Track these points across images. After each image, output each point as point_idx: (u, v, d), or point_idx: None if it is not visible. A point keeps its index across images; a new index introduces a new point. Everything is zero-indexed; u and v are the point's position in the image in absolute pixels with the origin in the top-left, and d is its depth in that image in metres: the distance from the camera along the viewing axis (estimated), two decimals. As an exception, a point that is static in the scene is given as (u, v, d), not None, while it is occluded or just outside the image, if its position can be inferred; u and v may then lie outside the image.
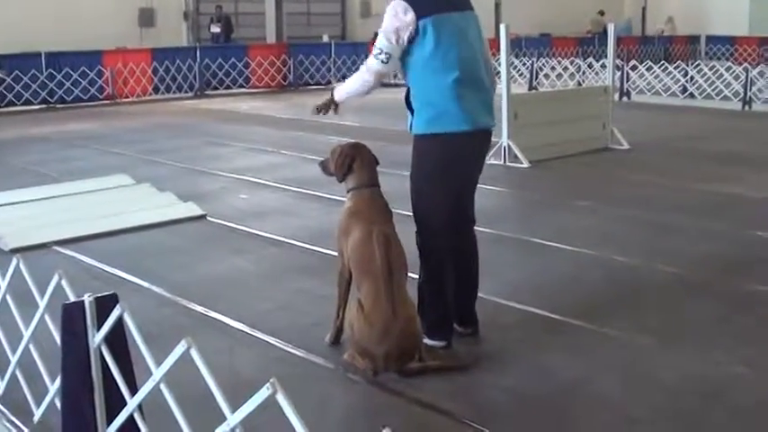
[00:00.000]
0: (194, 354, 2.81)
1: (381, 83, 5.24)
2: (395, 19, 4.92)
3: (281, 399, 2.50)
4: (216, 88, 23.73)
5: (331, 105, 5.57)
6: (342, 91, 5.44)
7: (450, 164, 5.04)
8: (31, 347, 4.23)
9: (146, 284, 6.65)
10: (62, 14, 23.74)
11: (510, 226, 8.28)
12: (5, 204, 9.13)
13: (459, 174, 5.12)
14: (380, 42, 5.00)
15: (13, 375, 4.43)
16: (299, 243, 7.80)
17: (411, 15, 4.89)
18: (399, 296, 4.76)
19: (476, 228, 5.40)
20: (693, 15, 35.78)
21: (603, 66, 17.89)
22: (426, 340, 5.05)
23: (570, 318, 5.73)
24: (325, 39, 28.22)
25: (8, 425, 4.31)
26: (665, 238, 7.95)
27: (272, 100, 22.03)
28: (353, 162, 5.19)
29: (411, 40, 4.95)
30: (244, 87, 24.23)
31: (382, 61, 5.04)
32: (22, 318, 4.31)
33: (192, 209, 8.93)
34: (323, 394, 4.68)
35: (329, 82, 25.78)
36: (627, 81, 20.93)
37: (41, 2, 23.51)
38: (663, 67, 21.69)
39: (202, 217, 8.79)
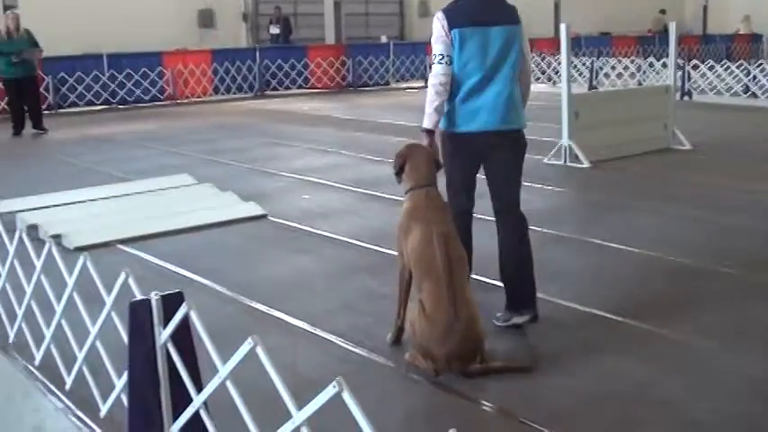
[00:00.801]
0: (260, 352, 2.84)
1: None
2: (439, 26, 5.65)
3: (346, 397, 2.51)
4: (275, 89, 23.89)
5: (429, 138, 5.68)
6: (425, 118, 5.70)
7: (453, 159, 5.77)
8: (98, 344, 4.30)
9: (208, 283, 6.71)
10: (123, 17, 24.02)
11: (570, 227, 8.24)
12: (70, 204, 9.26)
13: (468, 166, 5.76)
14: (436, 49, 5.66)
15: (80, 371, 4.51)
16: (360, 243, 7.82)
17: (446, 24, 5.62)
18: (461, 296, 4.75)
19: (536, 228, 5.40)
20: (757, 14, 35.23)
21: (664, 65, 17.72)
22: None
23: (632, 319, 5.68)
24: (384, 39, 28.26)
25: (75, 420, 4.38)
26: (728, 239, 7.86)
27: (331, 100, 22.11)
28: (405, 163, 5.23)
29: (452, 46, 5.63)
30: (303, 88, 24.36)
31: (446, 63, 5.61)
32: (89, 314, 4.38)
33: (254, 208, 8.99)
34: (384, 394, 4.70)
35: (387, 82, 25.88)
36: (688, 80, 20.68)
37: (103, 5, 23.80)
38: (725, 67, 21.41)
39: (263, 217, 8.84)
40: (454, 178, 5.83)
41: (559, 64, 13.22)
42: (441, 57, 5.62)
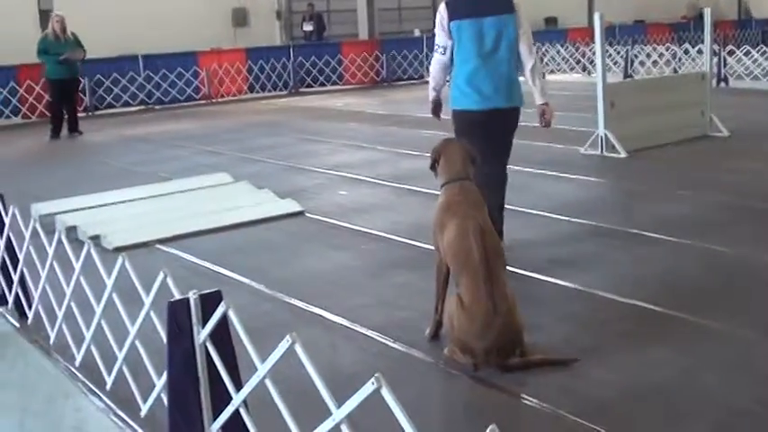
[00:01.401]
0: (299, 350, 2.83)
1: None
2: (439, 19, 6.69)
3: (386, 394, 2.50)
4: (310, 86, 23.93)
5: (434, 108, 7.05)
6: (429, 92, 7.02)
7: (463, 132, 6.55)
8: (138, 344, 4.32)
9: (246, 281, 6.73)
10: (157, 17, 24.17)
11: (608, 217, 8.17)
12: (108, 204, 9.32)
13: (473, 139, 6.08)
14: (437, 39, 6.74)
15: (120, 371, 4.54)
16: (397, 238, 7.81)
17: (446, 17, 6.63)
18: (498, 290, 4.72)
19: (573, 219, 5.35)
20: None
21: (700, 51, 17.51)
22: None
23: (672, 310, 5.62)
24: (417, 33, 28.20)
25: (116, 419, 4.41)
26: (768, 226, 7.78)
27: (365, 96, 22.12)
28: (440, 158, 5.26)
29: (450, 37, 6.65)
30: (337, 84, 24.37)
31: (441, 53, 6.74)
32: (128, 314, 4.40)
33: (291, 205, 9.01)
34: (424, 389, 4.68)
35: (422, 76, 25.76)
36: (724, 66, 20.46)
37: (137, 6, 23.97)
38: (761, 51, 21.15)
39: (301, 213, 8.86)
40: None
41: (594, 53, 13.12)
42: (438, 47, 6.74)
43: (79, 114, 17.64)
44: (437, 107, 7.02)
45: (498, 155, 6.84)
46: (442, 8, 6.67)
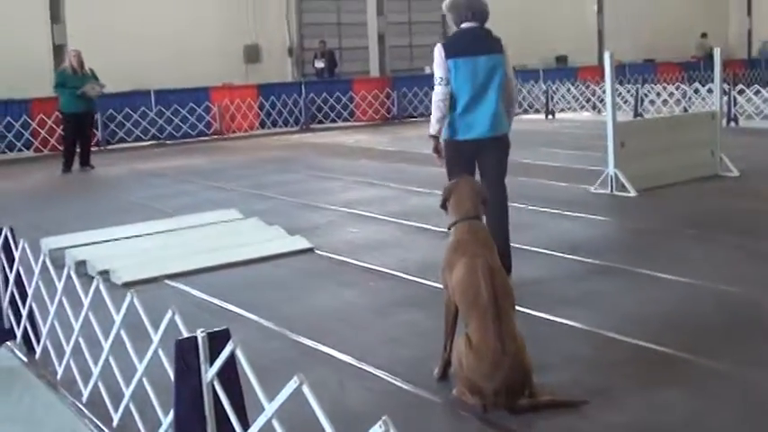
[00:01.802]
0: (306, 391, 2.82)
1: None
2: (438, 56, 7.36)
3: (392, 436, 2.49)
4: (321, 122, 24.04)
5: (435, 142, 7.51)
6: (430, 127, 7.54)
7: (456, 161, 7.26)
8: (145, 381, 4.31)
9: (254, 317, 6.73)
10: (170, 53, 24.32)
11: (617, 256, 8.16)
12: (118, 239, 9.34)
13: (463, 166, 7.06)
14: (437, 73, 7.36)
15: (127, 408, 4.52)
16: (406, 276, 7.80)
17: (444, 55, 7.32)
18: (508, 330, 4.71)
19: (582, 258, 5.34)
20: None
21: (710, 91, 17.57)
22: None
23: (681, 351, 5.58)
24: (428, 70, 28.29)
25: (123, 457, 4.40)
26: (779, 267, 7.75)
27: (376, 133, 22.19)
28: (450, 196, 5.27)
29: (449, 72, 7.28)
30: (348, 121, 24.49)
31: (444, 84, 7.33)
32: (136, 351, 4.40)
33: (300, 242, 9.02)
34: (432, 430, 4.66)
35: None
36: (734, 106, 20.47)
37: (150, 41, 24.11)
38: (771, 91, 21.17)
39: (310, 250, 8.86)
40: (455, 175, 6.63)
41: (604, 92, 13.15)
42: (440, 79, 7.33)
43: (91, 148, 17.74)
44: (439, 144, 7.46)
45: (495, 181, 7.32)
46: (439, 47, 7.42)
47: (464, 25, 7.48)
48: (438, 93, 7.36)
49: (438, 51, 7.37)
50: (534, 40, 31.28)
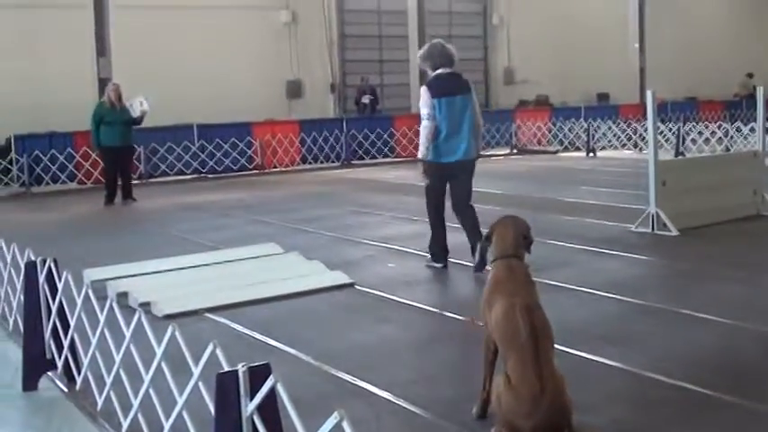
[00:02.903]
0: (346, 426, 2.83)
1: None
2: (426, 96, 9.13)
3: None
4: (362, 158, 24.13)
5: (424, 165, 9.34)
6: (420, 153, 9.38)
7: (435, 178, 9.36)
8: (184, 414, 4.33)
9: (293, 352, 6.74)
10: (213, 87, 24.54)
11: (658, 296, 8.10)
12: (159, 272, 9.41)
13: (444, 182, 9.42)
14: (426, 109, 9.09)
15: (167, 441, 4.54)
16: (445, 312, 7.79)
17: (430, 95, 9.12)
18: (546, 369, 4.68)
19: (622, 298, 5.30)
20: None
21: (752, 129, 17.45)
22: (431, 263, 9.61)
23: (723, 393, 5.52)
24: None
25: (161, 490, 4.41)
26: (823, 309, 7.65)
27: (416, 169, 22.14)
28: (492, 234, 5.25)
29: (434, 109, 9.08)
30: (389, 157, 24.54)
31: (432, 119, 9.08)
32: (176, 383, 4.42)
33: (341, 277, 9.03)
34: (470, 467, 4.64)
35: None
36: (778, 146, 20.28)
37: (193, 76, 24.35)
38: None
39: (350, 285, 8.87)
40: (436, 190, 9.47)
41: (645, 130, 13.09)
42: (428, 115, 9.08)
43: (134, 181, 17.93)
44: (426, 166, 9.31)
45: (464, 197, 9.46)
46: (425, 89, 9.21)
47: (440, 70, 9.33)
48: (427, 126, 9.10)
49: (425, 92, 9.17)
50: (576, 78, 31.33)
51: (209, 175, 21.74)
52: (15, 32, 22.74)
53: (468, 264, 9.49)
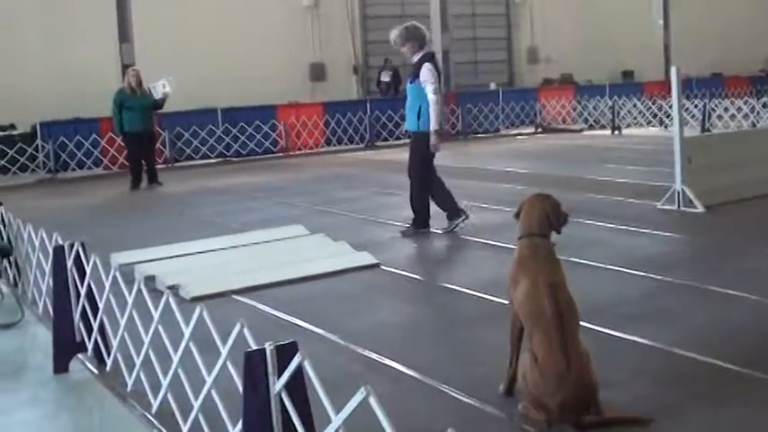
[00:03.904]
0: (373, 401, 2.85)
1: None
2: (433, 72, 10.12)
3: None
4: (386, 139, 24.11)
5: (438, 136, 10.26)
6: (434, 123, 10.15)
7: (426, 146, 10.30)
8: (213, 393, 4.36)
9: (320, 332, 6.77)
10: (236, 71, 24.56)
11: (686, 273, 8.07)
12: (186, 255, 9.46)
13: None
14: (433, 84, 10.06)
15: (196, 419, 4.57)
16: (471, 291, 7.78)
17: (434, 70, 10.12)
18: (573, 346, 4.69)
19: (650, 275, 5.30)
20: None
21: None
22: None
23: (750, 369, 5.50)
24: (493, 86, 28.34)
25: (191, 468, 4.45)
26: None
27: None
28: (521, 211, 5.23)
29: (438, 83, 10.21)
30: (413, 137, 24.46)
31: (438, 93, 10.10)
32: (205, 363, 4.45)
33: (367, 258, 9.05)
34: (497, 444, 4.65)
35: (497, 129, 25.88)
36: (805, 120, 20.15)
37: (216, 60, 24.40)
38: (843, 103, 20.79)
39: (376, 266, 8.89)
40: (431, 157, 10.49)
41: (671, 107, 13.00)
42: (435, 89, 10.07)
43: (159, 166, 18.05)
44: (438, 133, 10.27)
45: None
46: (430, 66, 10.14)
47: (425, 49, 10.36)
48: (438, 99, 10.07)
49: (431, 69, 10.10)
50: (600, 55, 31.14)
51: (234, 159, 21.82)
52: (39, 20, 22.86)
53: (495, 243, 9.49)
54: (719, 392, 5.22)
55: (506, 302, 5.37)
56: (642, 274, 7.99)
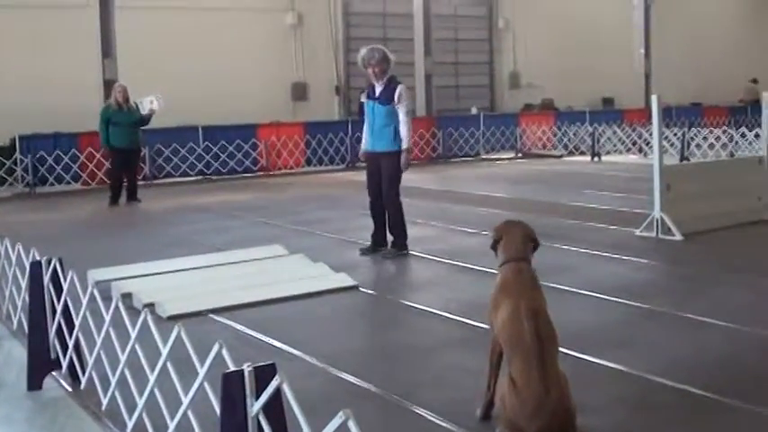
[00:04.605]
0: (351, 425, 2.84)
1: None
2: (408, 94, 10.73)
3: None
4: (366, 160, 24.06)
5: (408, 155, 10.75)
6: (406, 142, 10.64)
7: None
8: (189, 413, 4.33)
9: (297, 353, 6.74)
10: (218, 89, 24.50)
11: (662, 301, 8.09)
12: (163, 273, 9.42)
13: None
14: (407, 106, 10.67)
15: (172, 441, 4.54)
16: (449, 315, 7.78)
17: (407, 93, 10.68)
18: (551, 372, 4.69)
19: (627, 302, 5.31)
20: None
21: (757, 135, 17.43)
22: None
23: (727, 397, 5.52)
24: (474, 111, 28.42)
25: (165, 490, 4.41)
26: (828, 315, 7.64)
27: (421, 172, 22.16)
28: (500, 238, 5.25)
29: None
30: (394, 159, 24.49)
31: (409, 115, 10.70)
32: (181, 383, 4.42)
33: (345, 279, 9.04)
34: (473, 469, 4.64)
35: (478, 153, 25.96)
36: (782, 151, 20.24)
37: (198, 77, 24.33)
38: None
39: (354, 287, 8.88)
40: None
41: (650, 135, 13.08)
42: (410, 111, 10.71)
43: (138, 183, 17.95)
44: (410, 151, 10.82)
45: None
46: (404, 87, 10.75)
47: (388, 73, 10.76)
48: (409, 119, 10.60)
49: (405, 90, 10.73)
50: (581, 82, 31.31)
51: (214, 177, 21.78)
52: (20, 33, 22.74)
53: (473, 267, 9.51)
54: (694, 420, 5.24)
55: (485, 326, 5.37)
56: (620, 300, 8.01)
